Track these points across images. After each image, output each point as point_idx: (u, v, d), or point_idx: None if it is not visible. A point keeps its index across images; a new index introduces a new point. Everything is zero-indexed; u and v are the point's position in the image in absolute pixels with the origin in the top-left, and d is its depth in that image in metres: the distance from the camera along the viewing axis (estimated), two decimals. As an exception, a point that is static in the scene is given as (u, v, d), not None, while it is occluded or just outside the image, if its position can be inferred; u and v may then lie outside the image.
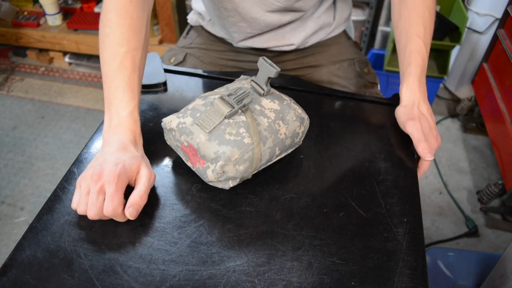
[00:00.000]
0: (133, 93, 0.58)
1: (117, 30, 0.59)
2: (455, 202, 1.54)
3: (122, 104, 0.57)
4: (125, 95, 0.57)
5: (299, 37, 0.84)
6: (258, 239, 0.51)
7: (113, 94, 0.57)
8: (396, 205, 0.56)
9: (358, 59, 0.89)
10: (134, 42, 0.60)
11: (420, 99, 0.68)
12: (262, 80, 0.57)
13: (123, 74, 0.58)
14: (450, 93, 2.03)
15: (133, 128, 0.57)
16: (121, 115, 0.56)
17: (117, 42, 0.59)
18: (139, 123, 0.58)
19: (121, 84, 0.57)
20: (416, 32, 0.69)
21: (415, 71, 0.68)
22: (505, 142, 1.42)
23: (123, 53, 0.59)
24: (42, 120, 1.86)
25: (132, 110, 0.57)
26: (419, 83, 0.68)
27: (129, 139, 0.55)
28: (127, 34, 0.60)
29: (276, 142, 0.56)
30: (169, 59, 0.89)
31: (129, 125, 0.56)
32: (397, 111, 0.69)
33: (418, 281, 0.47)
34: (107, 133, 0.56)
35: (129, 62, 0.59)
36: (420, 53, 0.69)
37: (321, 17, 0.84)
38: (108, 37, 0.60)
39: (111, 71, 0.58)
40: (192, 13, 0.95)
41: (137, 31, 0.61)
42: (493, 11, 1.68)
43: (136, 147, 0.56)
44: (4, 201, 1.50)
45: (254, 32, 0.82)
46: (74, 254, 0.48)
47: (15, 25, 2.12)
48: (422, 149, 0.63)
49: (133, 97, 0.58)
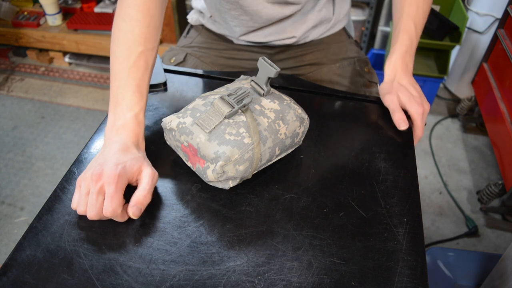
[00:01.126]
0: (142, 95, 0.57)
1: (136, 28, 0.58)
2: (455, 202, 1.54)
3: (129, 105, 0.56)
4: (134, 96, 0.56)
5: (300, 30, 0.85)
6: (258, 239, 0.51)
7: (121, 94, 0.56)
8: (396, 205, 0.56)
9: (358, 58, 0.89)
10: (152, 42, 0.59)
11: (401, 74, 0.71)
12: (262, 80, 0.57)
13: (135, 75, 0.57)
14: (450, 93, 2.03)
15: (137, 130, 0.56)
16: (127, 116, 0.56)
17: (134, 40, 0.58)
18: (143, 125, 0.57)
19: (132, 85, 0.57)
20: (408, 11, 0.73)
21: (399, 49, 0.72)
22: (505, 142, 1.42)
23: (139, 52, 0.57)
24: (42, 120, 1.86)
25: (138, 113, 0.56)
26: (401, 61, 0.72)
27: (131, 140, 0.55)
28: (146, 33, 0.58)
29: (276, 142, 0.56)
30: (169, 59, 0.89)
31: (133, 127, 0.56)
32: (379, 88, 0.73)
33: (418, 281, 0.47)
34: (110, 133, 0.56)
35: (142, 63, 0.58)
36: (408, 32, 0.72)
37: (321, 11, 0.85)
38: (125, 34, 0.58)
39: (123, 70, 0.57)
40: (193, 12, 0.95)
41: (155, 30, 0.60)
42: (493, 11, 1.68)
43: (138, 149, 0.55)
44: (4, 201, 1.50)
45: (255, 26, 0.82)
46: (74, 254, 0.48)
47: (15, 25, 2.12)
48: (396, 119, 0.68)
49: (141, 99, 0.57)
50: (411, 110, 0.68)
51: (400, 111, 0.68)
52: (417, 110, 0.67)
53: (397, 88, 0.69)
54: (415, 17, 0.73)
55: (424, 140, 1.80)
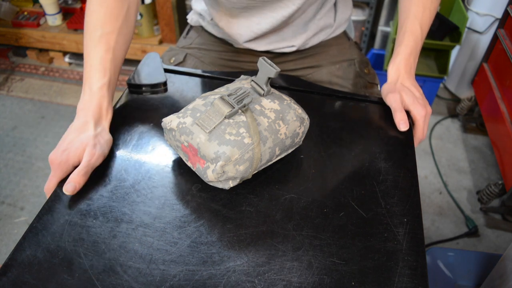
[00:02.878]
0: (105, 70, 0.63)
1: (93, 17, 0.66)
2: (455, 202, 1.54)
3: (93, 81, 0.62)
4: (97, 72, 0.63)
5: (300, 39, 0.84)
6: (258, 239, 0.51)
7: (88, 73, 0.63)
8: (396, 205, 0.56)
9: (358, 59, 0.89)
10: (109, 26, 0.65)
11: (404, 76, 0.71)
12: (262, 80, 0.57)
13: (97, 55, 0.64)
14: (450, 93, 2.03)
15: (101, 102, 0.62)
16: (92, 90, 0.62)
17: (93, 27, 0.65)
18: (108, 98, 0.63)
19: (94, 63, 0.63)
20: (414, 12, 0.72)
21: (404, 50, 0.71)
22: (505, 142, 1.42)
23: (98, 36, 0.64)
24: (42, 120, 1.86)
25: (102, 86, 0.62)
26: (405, 62, 0.71)
27: (92, 115, 0.60)
28: (102, 19, 0.65)
29: (276, 142, 0.56)
30: (169, 59, 0.89)
31: (97, 100, 0.61)
32: (382, 89, 0.72)
33: (418, 281, 0.47)
34: (78, 106, 0.62)
35: (103, 45, 0.64)
36: (414, 33, 0.72)
37: (322, 19, 0.84)
38: (86, 24, 0.66)
39: (87, 54, 0.64)
40: (192, 13, 0.95)
41: (112, 17, 0.66)
42: (493, 11, 1.68)
43: (96, 125, 0.60)
44: (4, 201, 1.50)
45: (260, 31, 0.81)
46: (74, 254, 0.48)
47: (15, 25, 2.12)
48: (398, 119, 0.67)
49: (104, 75, 0.63)
50: (414, 112, 0.67)
51: (402, 111, 0.68)
52: (421, 112, 0.67)
53: (400, 88, 0.69)
54: (421, 18, 0.72)
55: (424, 140, 1.79)
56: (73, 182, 0.54)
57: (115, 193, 0.55)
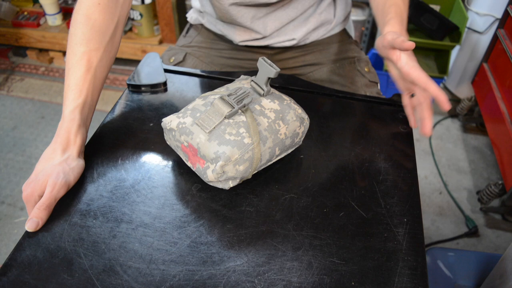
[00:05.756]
0: (81, 91, 0.59)
1: (79, 30, 0.62)
2: (455, 202, 1.54)
3: (66, 103, 0.59)
4: (71, 94, 0.59)
5: (300, 33, 0.85)
6: (258, 239, 0.51)
7: (65, 93, 0.60)
8: (396, 205, 0.56)
9: (358, 58, 0.89)
10: (94, 42, 0.61)
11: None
12: (262, 80, 0.57)
13: (75, 74, 0.60)
14: (450, 93, 2.03)
15: (69, 127, 0.57)
16: (64, 114, 0.58)
17: (77, 42, 0.61)
18: (78, 122, 0.58)
19: (72, 83, 0.60)
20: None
21: (395, 18, 0.65)
22: (505, 142, 1.42)
23: (81, 52, 0.61)
24: (42, 120, 1.86)
25: (74, 109, 0.58)
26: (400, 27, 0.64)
27: (60, 141, 0.56)
28: (88, 34, 0.61)
29: (276, 142, 0.56)
30: (168, 59, 0.89)
31: (66, 124, 0.57)
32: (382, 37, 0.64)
33: (418, 281, 0.47)
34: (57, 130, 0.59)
35: (84, 62, 0.60)
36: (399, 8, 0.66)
37: (322, 14, 0.85)
38: (70, 36, 0.62)
39: (68, 70, 0.61)
40: (192, 11, 0.94)
41: (100, 32, 0.62)
42: (493, 11, 1.68)
43: (64, 151, 0.56)
44: (4, 201, 1.50)
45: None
46: (74, 254, 0.48)
47: (15, 25, 2.12)
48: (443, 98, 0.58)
49: (79, 96, 0.59)
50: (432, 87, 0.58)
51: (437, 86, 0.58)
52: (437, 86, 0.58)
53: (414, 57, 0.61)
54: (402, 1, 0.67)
55: (424, 140, 1.80)
56: (36, 218, 0.50)
57: (115, 193, 0.55)
